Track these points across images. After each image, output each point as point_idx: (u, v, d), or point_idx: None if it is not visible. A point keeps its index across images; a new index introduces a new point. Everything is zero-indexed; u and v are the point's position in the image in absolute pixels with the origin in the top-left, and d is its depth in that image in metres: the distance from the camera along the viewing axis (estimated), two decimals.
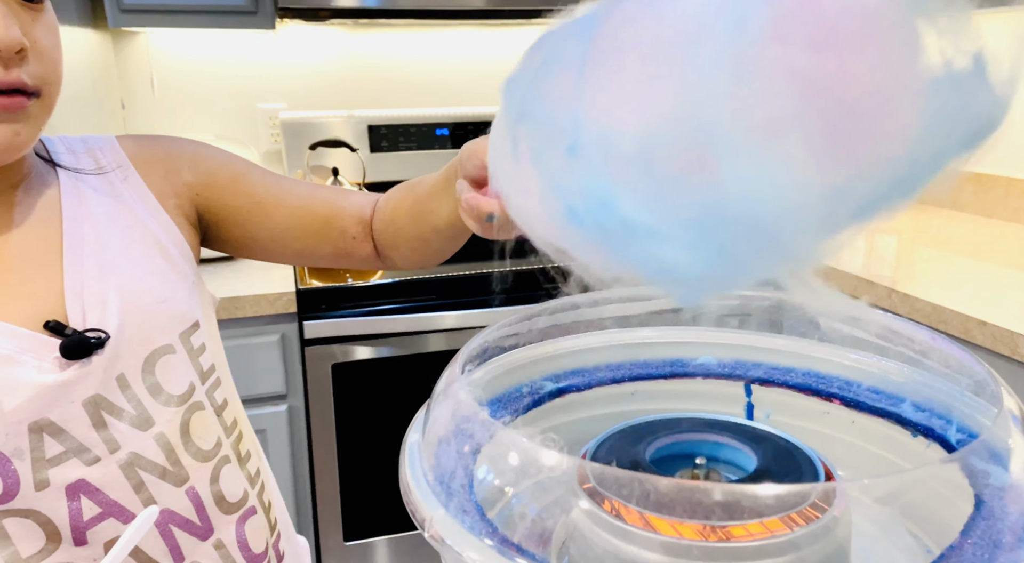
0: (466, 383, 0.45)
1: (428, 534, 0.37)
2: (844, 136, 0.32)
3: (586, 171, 0.36)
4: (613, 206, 0.36)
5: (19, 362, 0.55)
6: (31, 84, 0.55)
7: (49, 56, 0.58)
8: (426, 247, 0.74)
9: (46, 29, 0.57)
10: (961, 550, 0.34)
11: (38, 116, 0.57)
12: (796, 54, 0.32)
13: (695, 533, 0.39)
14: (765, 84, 0.32)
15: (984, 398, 0.43)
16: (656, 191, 0.34)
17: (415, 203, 0.72)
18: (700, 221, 0.34)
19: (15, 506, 0.55)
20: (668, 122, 0.34)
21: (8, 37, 0.52)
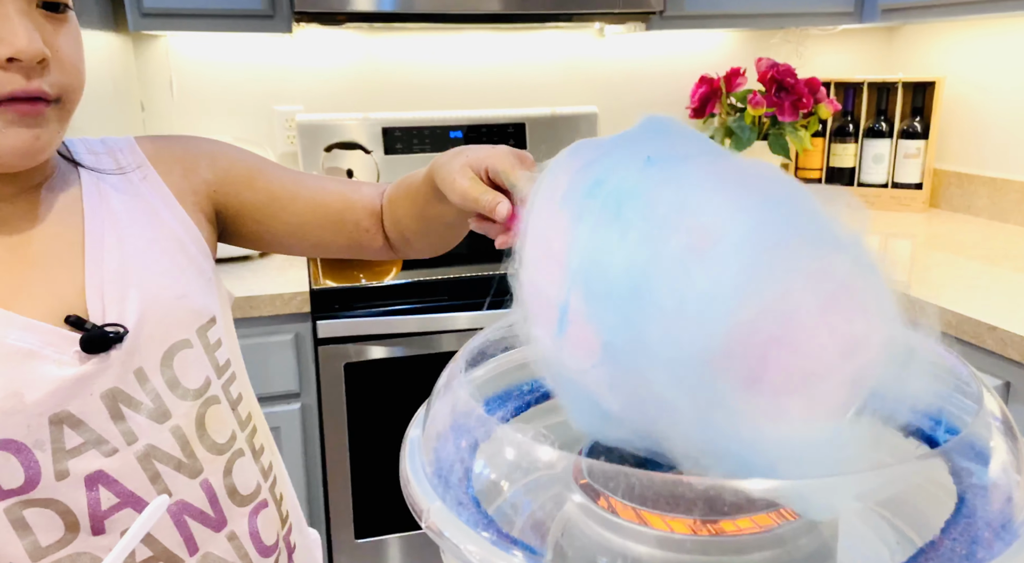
0: (466, 381, 0.47)
1: (425, 525, 0.39)
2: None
3: (571, 356, 0.41)
4: (593, 401, 0.41)
5: (41, 356, 0.57)
6: (52, 93, 0.57)
7: (71, 65, 0.59)
8: (434, 236, 0.77)
9: (69, 38, 0.59)
10: (940, 545, 0.35)
11: (58, 121, 0.59)
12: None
13: (686, 528, 0.41)
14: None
15: (970, 399, 0.44)
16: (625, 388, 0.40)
17: (412, 202, 0.74)
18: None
19: (36, 496, 0.57)
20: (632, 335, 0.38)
21: (31, 48, 0.54)
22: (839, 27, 2.17)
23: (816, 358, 0.36)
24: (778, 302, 0.36)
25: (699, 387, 0.36)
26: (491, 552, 0.37)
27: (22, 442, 0.57)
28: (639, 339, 0.37)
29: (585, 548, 0.42)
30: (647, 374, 0.37)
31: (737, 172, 0.41)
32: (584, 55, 2.24)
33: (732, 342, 0.35)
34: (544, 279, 0.42)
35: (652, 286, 0.37)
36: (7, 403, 0.56)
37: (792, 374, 0.36)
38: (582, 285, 0.39)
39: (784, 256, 0.37)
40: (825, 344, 0.36)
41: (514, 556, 0.37)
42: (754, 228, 0.37)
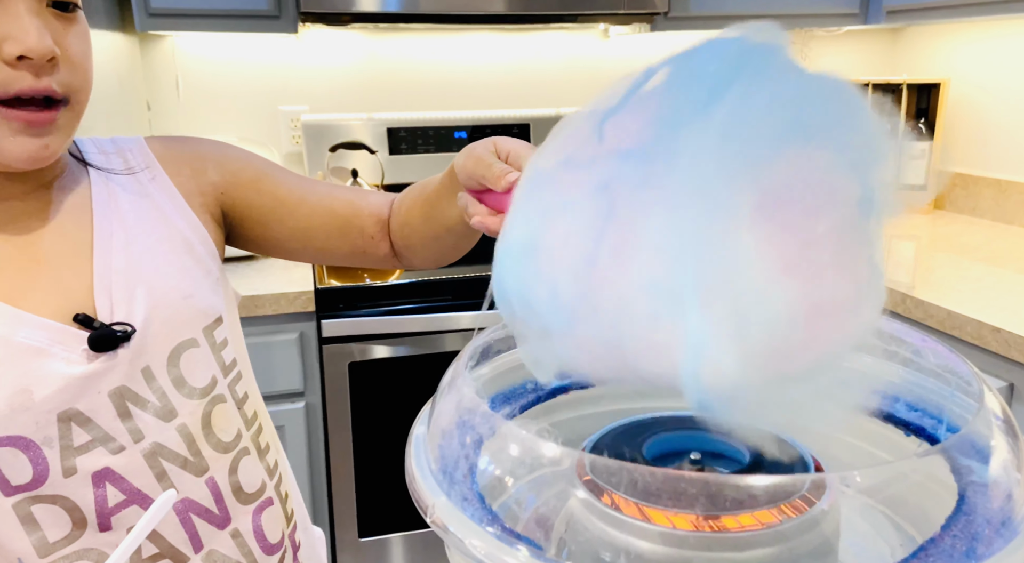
0: (470, 378, 0.47)
1: (431, 520, 0.39)
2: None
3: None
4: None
5: (49, 354, 0.58)
6: (60, 92, 0.57)
7: (80, 64, 0.60)
8: (440, 245, 0.76)
9: (78, 38, 0.60)
10: (940, 542, 0.35)
11: (67, 126, 0.60)
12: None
13: (688, 524, 0.41)
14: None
15: (972, 398, 0.44)
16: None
17: (425, 204, 0.74)
18: None
19: (44, 492, 0.58)
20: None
21: (40, 46, 0.54)
22: (844, 28, 2.17)
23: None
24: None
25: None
26: (496, 547, 0.37)
27: (31, 439, 0.57)
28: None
29: (588, 543, 0.42)
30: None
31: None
32: (589, 56, 2.24)
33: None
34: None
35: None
36: (16, 400, 0.56)
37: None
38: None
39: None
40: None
41: (518, 551, 0.37)
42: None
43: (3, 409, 0.56)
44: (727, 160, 0.36)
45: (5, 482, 0.57)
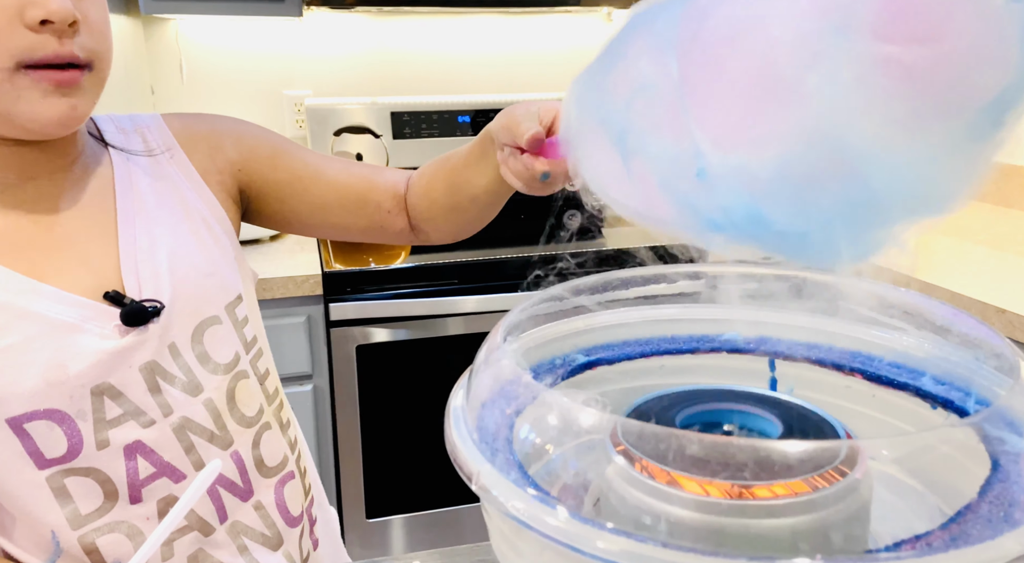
0: (508, 351, 0.48)
1: (475, 486, 0.40)
2: (954, 101, 0.36)
3: (723, 194, 0.39)
4: (762, 220, 0.39)
5: (83, 330, 0.58)
6: (83, 57, 0.58)
7: (99, 30, 0.60)
8: (462, 216, 0.77)
9: (95, 4, 0.60)
10: (978, 508, 0.36)
11: (92, 89, 0.60)
12: (901, 51, 0.34)
13: (722, 492, 0.42)
14: (881, 83, 0.35)
15: (1004, 372, 0.45)
16: (800, 200, 0.38)
17: (450, 174, 0.75)
18: (845, 214, 0.38)
19: (77, 465, 0.59)
20: (802, 143, 0.37)
21: (62, 9, 0.55)
22: None
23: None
24: None
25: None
26: (537, 508, 0.38)
27: (65, 412, 0.58)
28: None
29: (624, 510, 0.43)
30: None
31: None
32: (592, 40, 2.24)
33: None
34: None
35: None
36: (52, 374, 0.57)
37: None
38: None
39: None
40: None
41: (557, 511, 0.38)
42: None
43: (39, 383, 0.56)
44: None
45: (40, 455, 0.58)
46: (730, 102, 0.38)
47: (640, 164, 0.42)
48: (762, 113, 0.37)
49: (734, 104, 0.38)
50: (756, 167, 0.37)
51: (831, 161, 0.36)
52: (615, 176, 0.44)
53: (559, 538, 0.38)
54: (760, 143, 0.37)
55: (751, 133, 0.37)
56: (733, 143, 0.38)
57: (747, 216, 0.39)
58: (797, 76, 0.36)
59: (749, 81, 0.37)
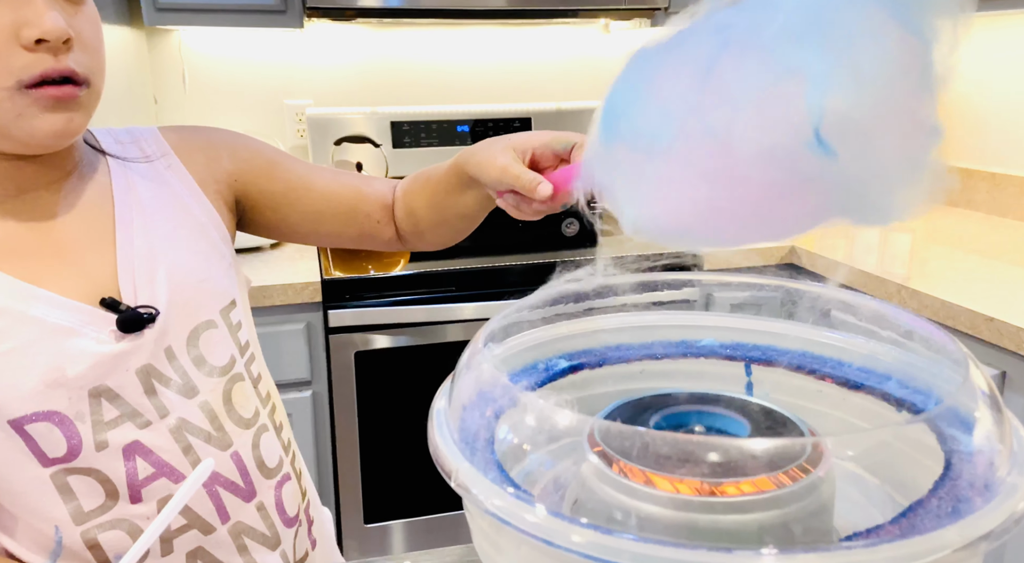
0: (488, 355, 0.50)
1: (454, 484, 0.42)
2: None
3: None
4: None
5: (81, 334, 0.61)
6: (80, 72, 0.60)
7: (93, 47, 0.62)
8: (447, 229, 0.80)
9: (88, 22, 0.62)
10: (928, 503, 0.38)
11: (88, 105, 0.62)
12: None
13: (692, 490, 0.44)
14: None
15: (960, 375, 0.47)
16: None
17: (432, 197, 0.78)
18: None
19: (78, 465, 0.61)
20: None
21: (56, 28, 0.57)
22: None
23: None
24: None
25: None
26: (516, 505, 0.40)
27: (64, 414, 0.60)
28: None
29: (600, 508, 0.45)
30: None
31: None
32: (590, 51, 2.27)
33: None
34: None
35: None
36: (50, 376, 0.59)
37: None
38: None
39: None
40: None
41: (536, 508, 0.40)
42: None
43: (38, 385, 0.59)
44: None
45: (42, 454, 0.60)
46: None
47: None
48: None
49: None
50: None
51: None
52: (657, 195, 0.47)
53: (535, 533, 0.40)
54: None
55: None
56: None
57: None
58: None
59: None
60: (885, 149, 0.42)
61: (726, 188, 0.44)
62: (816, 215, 0.45)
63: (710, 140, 0.43)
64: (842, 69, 0.40)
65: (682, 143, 0.44)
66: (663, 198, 0.47)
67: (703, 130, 0.43)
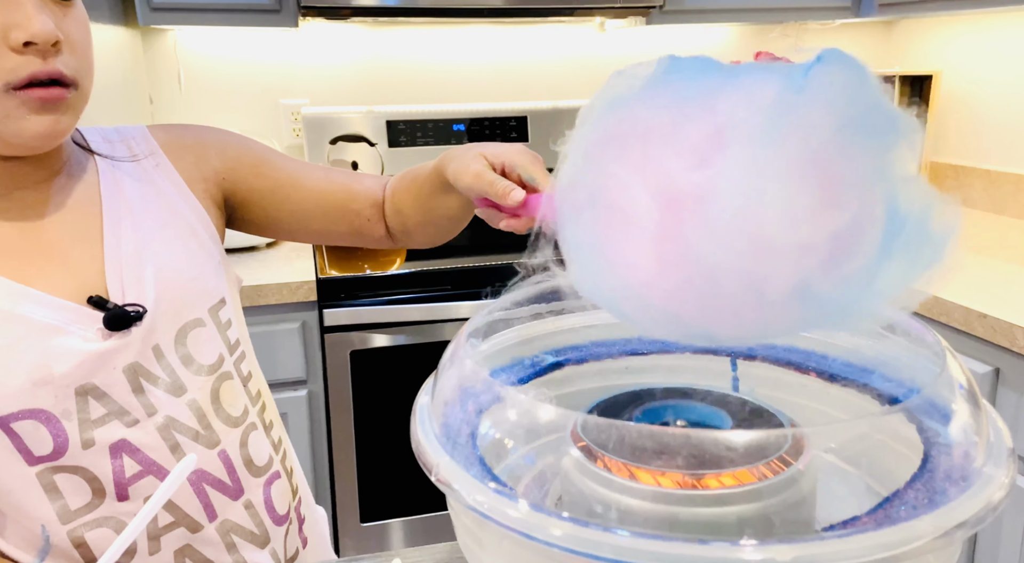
0: (471, 351, 0.50)
1: (435, 478, 0.42)
2: None
3: None
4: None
5: (67, 332, 0.61)
6: (68, 74, 0.60)
7: (81, 49, 0.62)
8: (435, 228, 0.80)
9: (77, 24, 0.62)
10: (905, 494, 0.39)
11: (75, 107, 0.62)
12: None
13: (674, 483, 0.44)
14: None
15: (939, 366, 0.47)
16: None
17: (417, 198, 0.78)
18: None
19: (65, 463, 0.61)
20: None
21: (44, 30, 0.57)
22: (837, 21, 2.20)
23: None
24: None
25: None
26: (497, 500, 0.40)
27: (51, 412, 0.60)
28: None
29: (582, 502, 0.45)
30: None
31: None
32: (585, 49, 2.27)
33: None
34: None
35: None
36: (37, 375, 0.59)
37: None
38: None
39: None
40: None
41: (519, 503, 0.40)
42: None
43: (24, 383, 0.59)
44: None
45: (28, 452, 0.60)
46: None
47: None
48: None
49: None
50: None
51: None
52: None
53: (516, 527, 0.40)
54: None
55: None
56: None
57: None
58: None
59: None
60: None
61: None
62: (786, 329, 0.46)
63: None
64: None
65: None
66: (608, 278, 0.46)
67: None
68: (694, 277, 0.42)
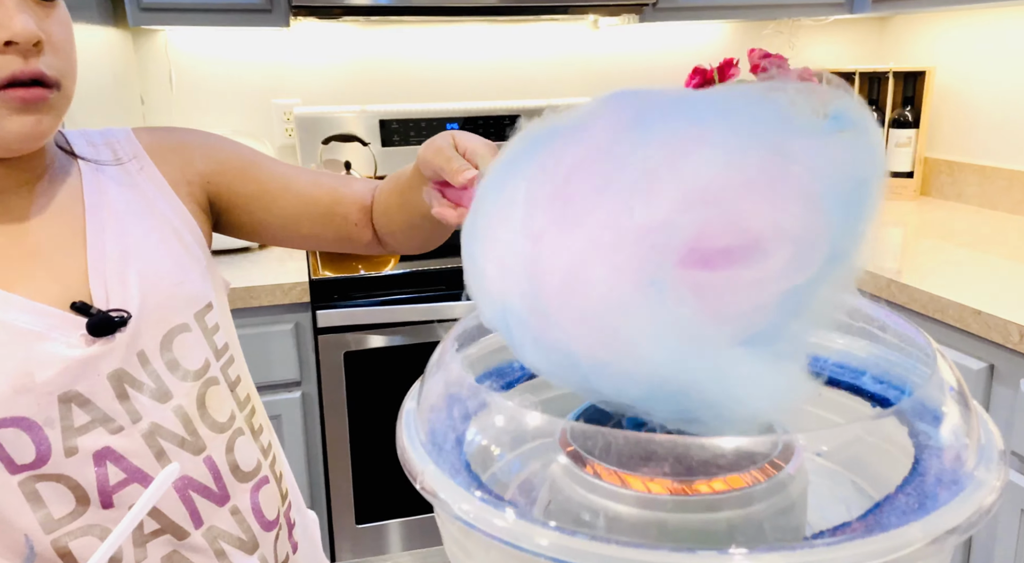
0: (458, 356, 0.49)
1: (420, 486, 0.41)
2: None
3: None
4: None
5: (49, 338, 0.60)
6: (50, 75, 0.59)
7: (64, 50, 0.62)
8: (419, 232, 0.79)
9: (59, 24, 0.61)
10: (895, 499, 0.38)
11: (58, 107, 0.62)
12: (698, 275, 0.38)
13: (664, 488, 0.43)
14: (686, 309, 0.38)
15: (931, 369, 0.46)
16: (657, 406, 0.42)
17: (400, 195, 0.77)
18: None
19: (48, 471, 0.60)
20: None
21: (26, 30, 0.56)
22: (831, 18, 2.20)
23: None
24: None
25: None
26: (483, 509, 0.39)
27: (33, 420, 0.59)
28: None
29: (571, 509, 0.45)
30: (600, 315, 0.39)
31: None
32: (579, 47, 2.26)
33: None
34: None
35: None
36: (18, 382, 0.59)
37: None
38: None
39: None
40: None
41: (505, 512, 0.40)
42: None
43: (6, 391, 0.58)
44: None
45: (10, 461, 0.59)
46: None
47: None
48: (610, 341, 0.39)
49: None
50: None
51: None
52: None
53: (502, 537, 0.39)
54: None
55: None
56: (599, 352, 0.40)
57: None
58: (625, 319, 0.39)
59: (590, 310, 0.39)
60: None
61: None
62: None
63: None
64: None
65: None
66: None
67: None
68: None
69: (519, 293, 0.41)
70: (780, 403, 0.42)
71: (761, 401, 0.40)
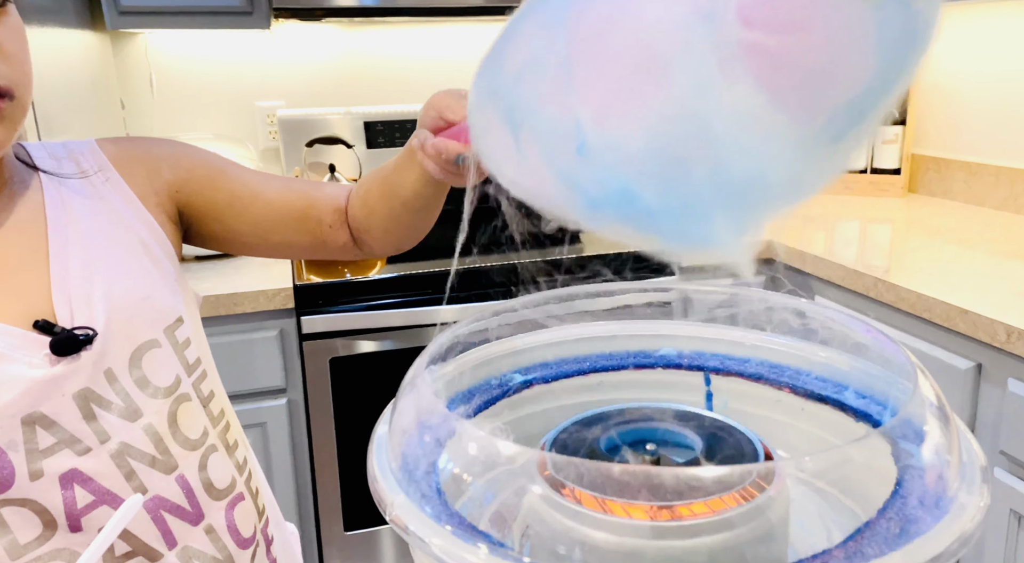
0: (430, 379, 0.48)
1: (389, 518, 0.40)
2: (813, 95, 0.36)
3: (600, 169, 0.40)
4: (633, 197, 0.40)
5: (11, 359, 0.58)
6: (2, 85, 0.57)
7: (16, 58, 0.60)
8: (398, 225, 0.78)
9: (11, 32, 0.59)
10: (876, 524, 0.37)
11: (12, 117, 0.60)
12: (764, 39, 0.35)
13: (644, 514, 0.42)
14: (744, 70, 0.36)
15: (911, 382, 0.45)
16: (667, 179, 0.39)
17: (383, 182, 0.76)
18: (709, 197, 0.39)
19: (11, 496, 0.59)
20: (670, 122, 0.38)
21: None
22: None
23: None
24: None
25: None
26: (454, 544, 0.38)
27: None
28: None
29: (548, 538, 0.43)
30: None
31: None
32: None
33: None
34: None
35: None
36: None
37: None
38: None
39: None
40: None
41: (478, 548, 0.39)
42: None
43: None
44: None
45: None
46: (609, 78, 0.39)
47: (527, 139, 0.43)
48: (637, 91, 0.38)
49: (612, 80, 0.39)
50: (629, 143, 0.38)
51: (696, 143, 0.37)
52: (506, 153, 0.45)
53: None
54: (633, 119, 0.38)
55: (626, 109, 0.38)
56: (610, 118, 0.39)
57: (620, 192, 0.40)
58: (668, 58, 0.37)
59: (626, 60, 0.38)
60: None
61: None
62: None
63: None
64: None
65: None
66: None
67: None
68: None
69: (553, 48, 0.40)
70: (783, 171, 0.39)
71: (764, 159, 0.38)
